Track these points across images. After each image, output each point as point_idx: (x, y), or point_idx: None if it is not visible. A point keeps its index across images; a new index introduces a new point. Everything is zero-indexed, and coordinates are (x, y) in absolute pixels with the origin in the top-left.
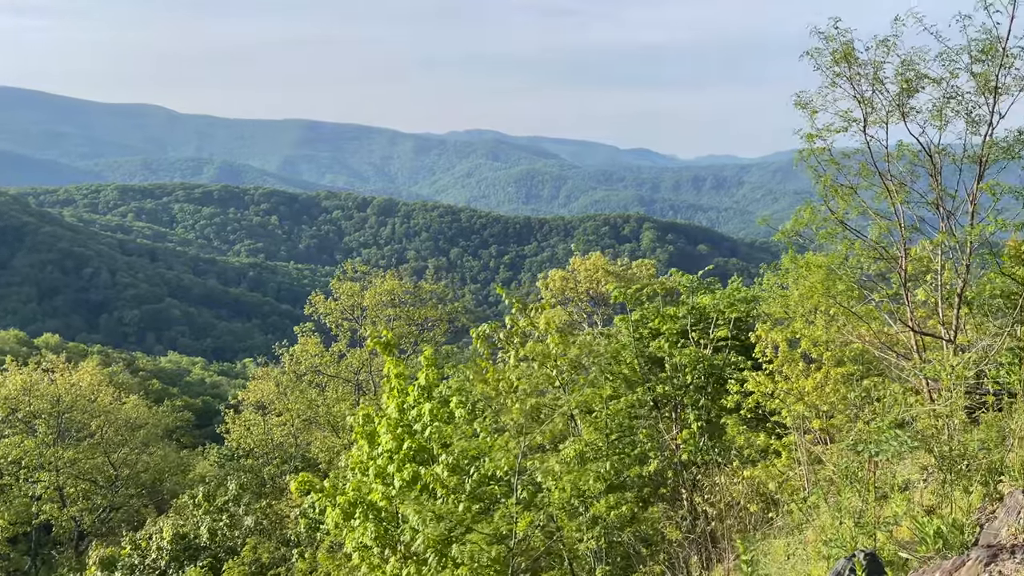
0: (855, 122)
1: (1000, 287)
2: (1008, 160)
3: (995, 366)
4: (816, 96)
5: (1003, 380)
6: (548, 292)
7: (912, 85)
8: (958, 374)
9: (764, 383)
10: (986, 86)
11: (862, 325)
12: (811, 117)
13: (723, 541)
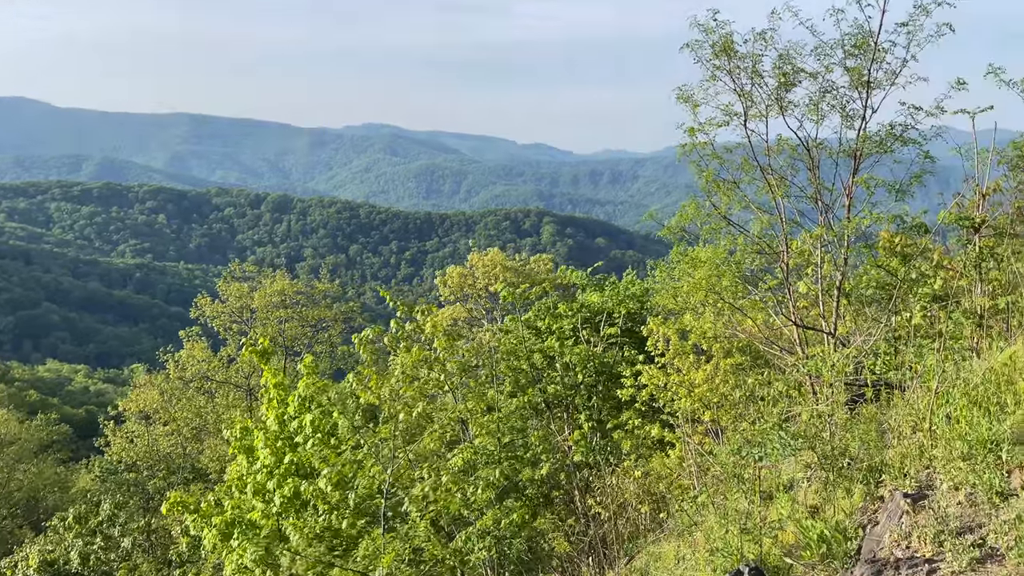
0: (736, 116)
1: (876, 279)
2: (881, 154)
3: (873, 357)
4: (698, 90)
5: (880, 372)
6: (447, 289)
7: (789, 79)
8: (838, 370)
9: (657, 376)
10: (859, 81)
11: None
12: (693, 111)
13: (616, 545)
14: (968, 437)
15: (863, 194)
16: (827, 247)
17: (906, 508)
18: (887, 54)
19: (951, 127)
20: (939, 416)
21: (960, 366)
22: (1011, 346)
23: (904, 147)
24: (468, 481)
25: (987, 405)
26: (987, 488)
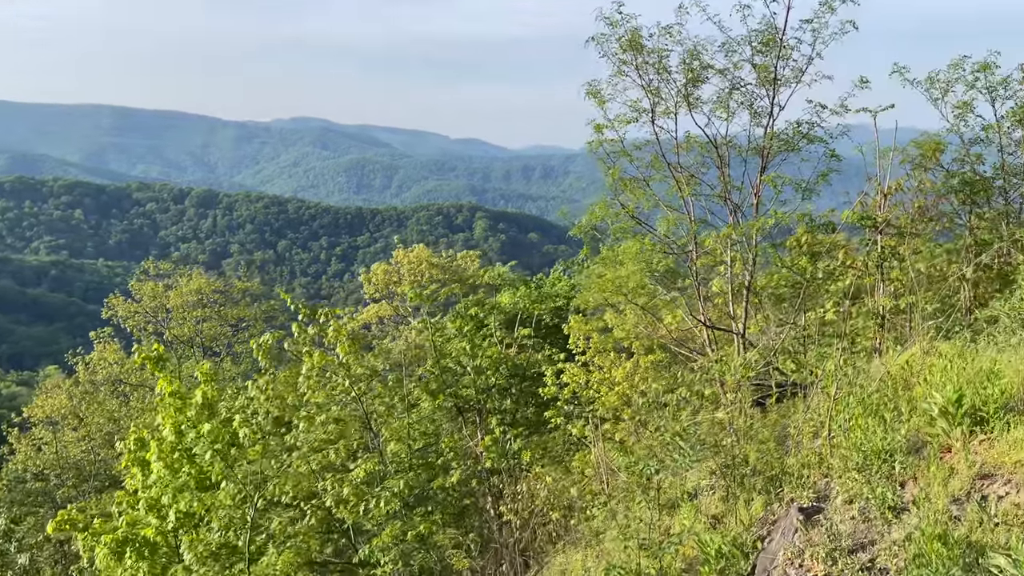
0: (644, 112)
1: (785, 278)
2: (788, 152)
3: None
4: (606, 85)
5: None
6: (371, 287)
7: (697, 76)
8: (741, 374)
9: (578, 374)
10: (766, 78)
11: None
12: (602, 107)
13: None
14: (863, 447)
15: (772, 193)
16: (737, 246)
17: (799, 524)
18: (793, 51)
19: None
20: (837, 423)
21: (860, 370)
22: (909, 348)
23: (811, 145)
24: (372, 493)
25: (882, 412)
26: (880, 503)
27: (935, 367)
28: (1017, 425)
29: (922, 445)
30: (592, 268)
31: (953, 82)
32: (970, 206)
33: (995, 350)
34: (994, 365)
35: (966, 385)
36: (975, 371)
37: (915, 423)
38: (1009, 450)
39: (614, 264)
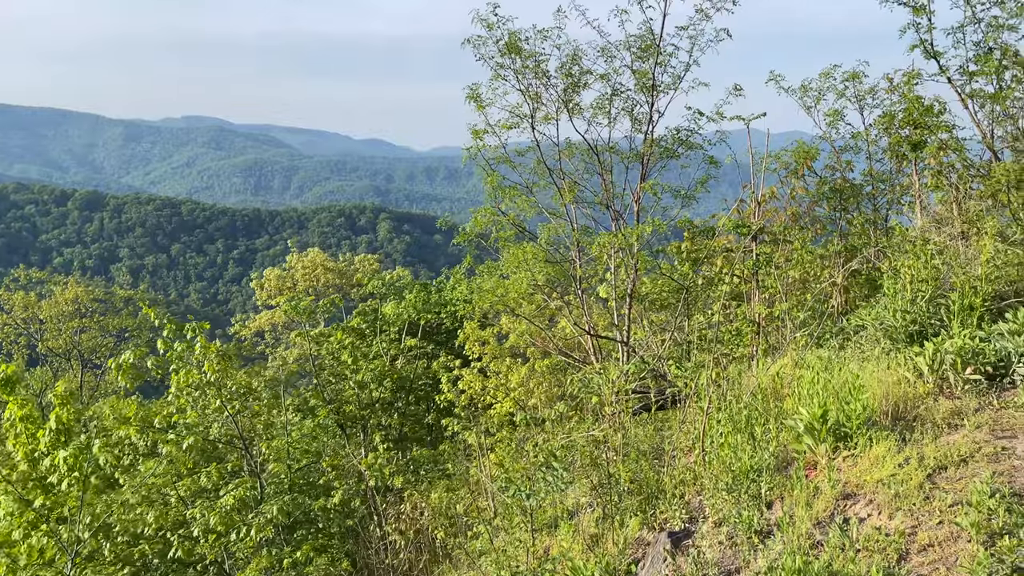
0: (525, 117)
1: (666, 285)
2: (669, 158)
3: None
4: (487, 89)
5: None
6: (264, 293)
7: (577, 80)
8: (619, 386)
9: (475, 380)
10: (645, 84)
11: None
12: (482, 112)
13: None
14: (732, 467)
15: (652, 200)
16: (619, 253)
17: (667, 552)
18: (671, 58)
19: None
20: (710, 438)
21: (733, 382)
22: (780, 359)
23: (692, 151)
24: (243, 520)
25: (751, 428)
26: (746, 527)
27: (804, 379)
28: (879, 441)
29: (790, 462)
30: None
31: (825, 91)
32: (840, 212)
33: (860, 359)
34: (857, 379)
35: (831, 400)
36: (840, 383)
37: (784, 438)
38: (871, 467)
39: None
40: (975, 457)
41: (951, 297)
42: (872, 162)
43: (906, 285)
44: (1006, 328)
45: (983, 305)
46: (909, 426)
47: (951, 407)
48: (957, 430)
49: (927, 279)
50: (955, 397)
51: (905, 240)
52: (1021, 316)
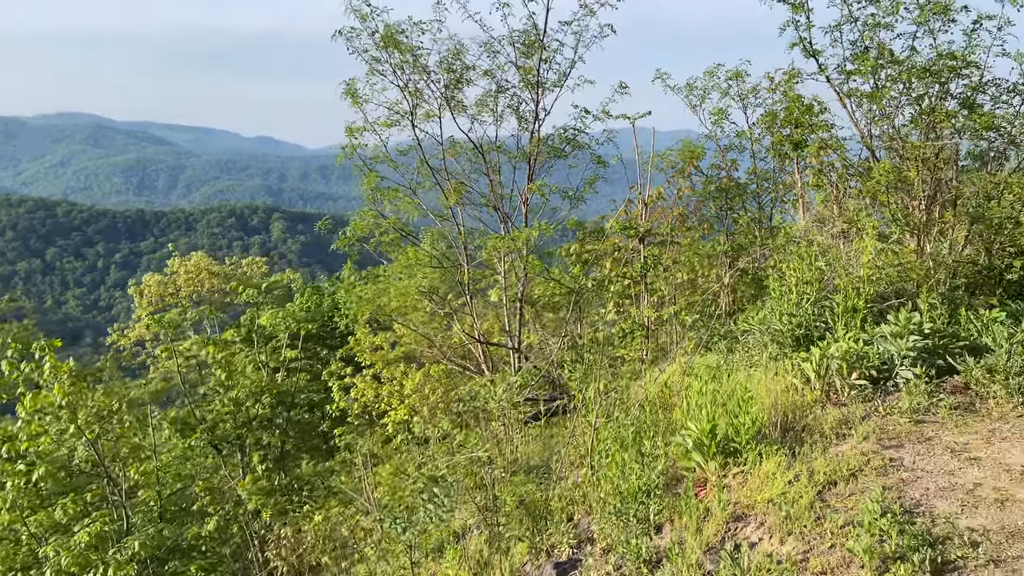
0: (405, 115)
1: (558, 288)
2: (557, 158)
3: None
4: (365, 84)
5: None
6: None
7: (459, 76)
8: (506, 400)
9: (367, 387)
10: (529, 80)
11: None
12: (360, 108)
13: None
14: (620, 487)
15: (542, 201)
16: (510, 256)
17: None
18: (557, 54)
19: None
20: (599, 453)
21: (623, 391)
22: (670, 365)
23: (581, 151)
24: (102, 557)
25: (639, 446)
26: (635, 556)
27: (692, 388)
28: (769, 456)
29: (680, 479)
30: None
31: (709, 89)
32: (726, 212)
33: (749, 366)
34: (745, 391)
35: (719, 414)
36: (728, 393)
37: (673, 453)
38: (762, 485)
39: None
40: (864, 471)
41: (835, 299)
42: (756, 161)
43: (791, 288)
44: (888, 330)
45: (866, 307)
46: (798, 437)
47: (839, 416)
48: (845, 440)
49: (811, 281)
50: (842, 404)
51: (788, 241)
52: (902, 318)
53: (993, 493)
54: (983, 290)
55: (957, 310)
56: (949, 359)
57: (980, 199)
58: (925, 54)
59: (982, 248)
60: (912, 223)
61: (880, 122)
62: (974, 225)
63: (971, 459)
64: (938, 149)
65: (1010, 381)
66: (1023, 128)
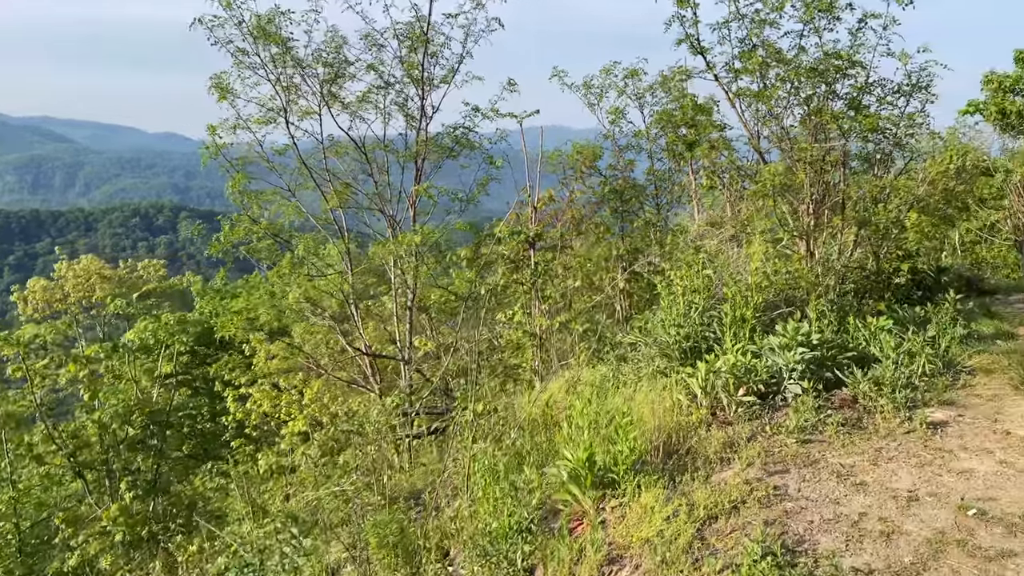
0: (279, 111)
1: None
2: (446, 158)
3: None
4: (237, 79)
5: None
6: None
7: (338, 70)
8: (383, 422)
9: (264, 397)
10: (415, 76)
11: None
12: (231, 103)
13: None
14: (491, 525)
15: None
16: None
17: None
18: (444, 48)
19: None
20: (474, 483)
21: (507, 409)
22: (555, 380)
23: (472, 151)
24: None
25: (519, 472)
26: None
27: (575, 408)
28: (648, 487)
29: (556, 512)
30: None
31: (607, 88)
32: (621, 214)
33: (637, 379)
34: (624, 416)
35: (597, 442)
36: (609, 416)
37: (550, 483)
38: (640, 521)
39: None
40: (747, 503)
41: (723, 309)
42: (654, 161)
43: (678, 297)
44: (776, 342)
45: (755, 316)
46: (681, 463)
47: (724, 437)
48: (730, 465)
49: (699, 289)
50: (728, 423)
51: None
52: (790, 328)
53: (879, 525)
54: (872, 294)
55: (846, 318)
56: (837, 372)
57: (867, 203)
58: (812, 53)
59: (870, 252)
60: (800, 228)
61: (769, 123)
62: (862, 230)
63: (857, 484)
64: (825, 151)
65: (896, 395)
66: (908, 130)
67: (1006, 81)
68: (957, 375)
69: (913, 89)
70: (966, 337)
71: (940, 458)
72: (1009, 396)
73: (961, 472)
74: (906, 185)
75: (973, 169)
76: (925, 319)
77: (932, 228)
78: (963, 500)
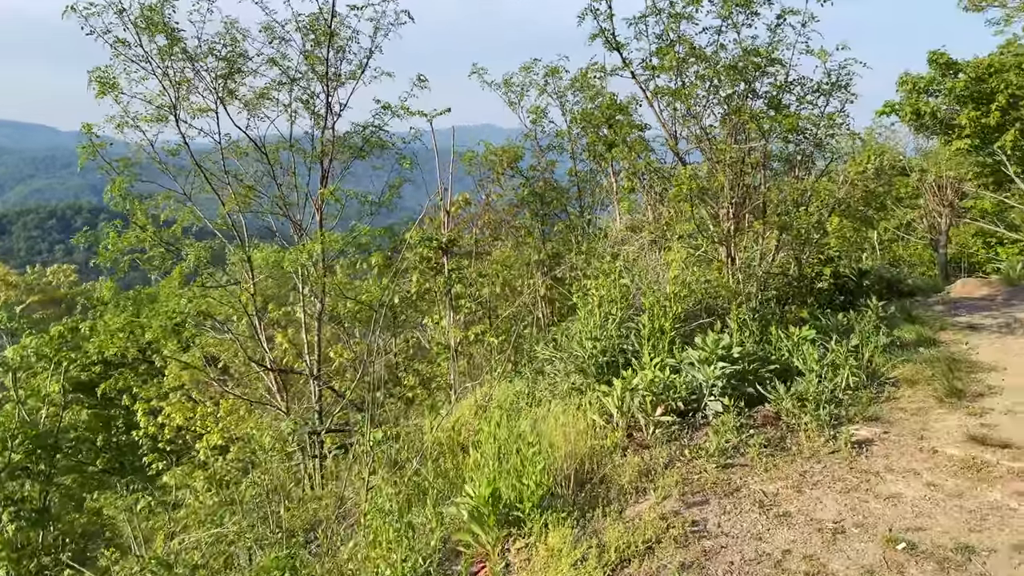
0: (169, 108)
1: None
2: (355, 159)
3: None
4: (123, 73)
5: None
6: None
7: (233, 66)
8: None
9: (176, 411)
10: (320, 71)
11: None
12: (115, 99)
13: None
14: (383, 573)
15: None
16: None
17: None
18: (352, 42)
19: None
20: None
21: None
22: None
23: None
24: None
25: (422, 507)
26: None
27: (483, 433)
28: (556, 525)
29: (458, 554)
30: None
31: (527, 86)
32: (542, 217)
33: (552, 396)
34: (529, 448)
35: (501, 476)
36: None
37: (452, 521)
38: (546, 564)
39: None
40: (662, 542)
41: (641, 320)
42: (576, 162)
43: (594, 309)
44: (696, 355)
45: (674, 328)
46: (594, 494)
47: (640, 464)
48: (646, 496)
49: (617, 299)
50: (646, 446)
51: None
52: (710, 341)
53: (804, 565)
54: (795, 299)
55: (768, 327)
56: (760, 387)
57: (788, 206)
58: (731, 50)
59: (792, 258)
60: (721, 233)
61: (688, 122)
62: (783, 234)
63: (781, 516)
64: (744, 152)
65: (820, 411)
66: (828, 130)
67: (920, 82)
68: (881, 387)
69: (833, 88)
70: (889, 346)
71: (866, 481)
72: (934, 410)
73: (888, 497)
74: (827, 188)
75: (891, 169)
76: (848, 327)
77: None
78: (891, 531)
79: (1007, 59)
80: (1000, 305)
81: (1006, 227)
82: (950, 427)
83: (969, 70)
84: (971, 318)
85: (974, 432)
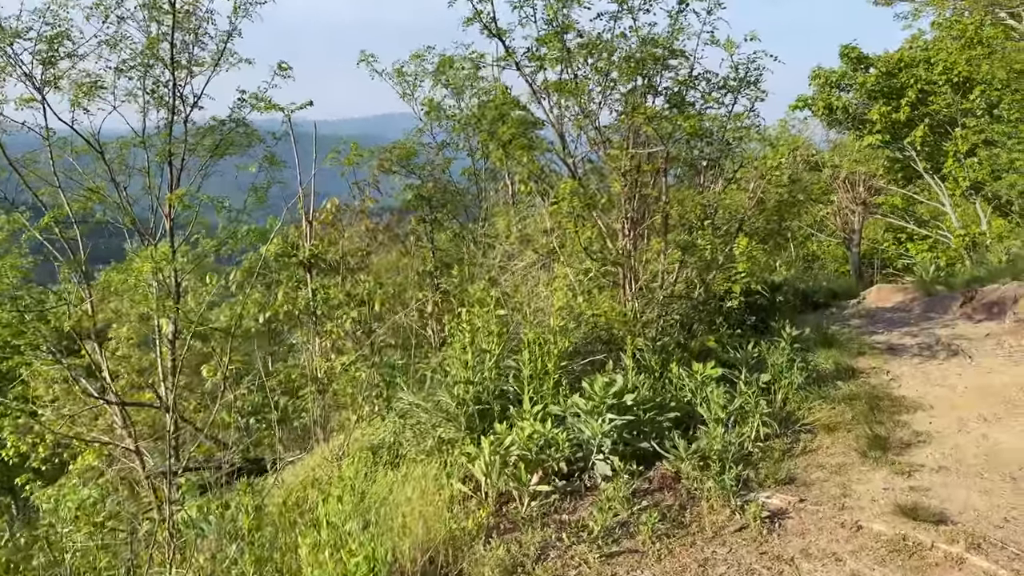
0: None
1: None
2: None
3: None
4: None
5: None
6: None
7: (52, 49)
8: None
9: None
10: (159, 56)
11: None
12: None
13: None
14: None
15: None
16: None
17: None
18: (206, 23)
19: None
20: None
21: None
22: (313, 452)
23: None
24: None
25: None
26: None
27: (322, 510)
28: None
29: None
30: None
31: (421, 76)
32: (430, 223)
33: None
34: (371, 542)
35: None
36: (364, 519)
37: None
38: None
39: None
40: None
41: (521, 359)
42: (474, 160)
43: (467, 345)
44: (582, 404)
45: (559, 367)
46: None
47: (506, 557)
48: None
49: (494, 332)
50: (518, 526)
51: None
52: (599, 386)
53: None
54: (701, 322)
55: (669, 363)
56: (655, 443)
57: (692, 221)
58: (629, 39)
59: (697, 279)
60: (615, 253)
61: (581, 122)
62: (686, 255)
63: None
64: (640, 159)
65: (726, 475)
66: (737, 133)
67: (832, 76)
68: (796, 435)
69: (741, 84)
70: (804, 382)
71: (779, 574)
72: (856, 466)
73: None
74: (734, 200)
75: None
76: (759, 359)
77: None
78: None
79: (916, 53)
80: (918, 319)
81: (915, 223)
82: (875, 491)
83: (880, 65)
84: (889, 336)
85: (902, 500)
